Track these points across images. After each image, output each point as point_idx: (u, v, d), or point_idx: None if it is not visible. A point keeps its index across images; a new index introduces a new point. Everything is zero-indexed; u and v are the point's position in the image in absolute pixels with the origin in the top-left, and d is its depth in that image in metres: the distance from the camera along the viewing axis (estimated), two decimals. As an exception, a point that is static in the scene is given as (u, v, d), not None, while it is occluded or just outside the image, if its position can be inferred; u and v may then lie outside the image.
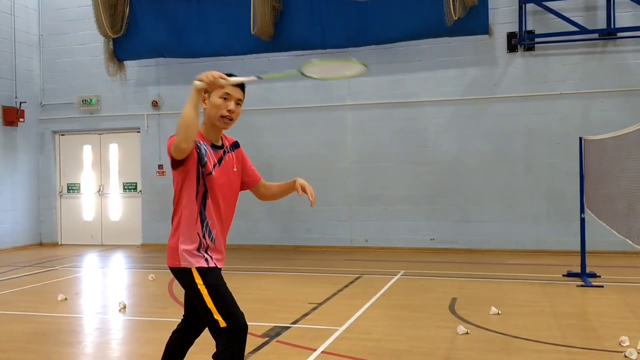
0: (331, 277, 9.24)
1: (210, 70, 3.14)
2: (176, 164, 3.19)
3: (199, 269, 3.23)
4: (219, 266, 3.32)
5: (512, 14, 11.65)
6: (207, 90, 3.16)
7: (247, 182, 3.59)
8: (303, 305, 7.07)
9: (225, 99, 3.30)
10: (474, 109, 11.91)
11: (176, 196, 3.34)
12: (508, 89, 11.75)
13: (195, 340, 3.59)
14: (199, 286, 3.21)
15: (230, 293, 3.28)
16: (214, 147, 3.36)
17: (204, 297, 3.19)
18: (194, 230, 3.26)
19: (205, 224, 3.28)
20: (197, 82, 3.07)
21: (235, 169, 3.46)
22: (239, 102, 3.36)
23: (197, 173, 3.25)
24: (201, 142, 3.29)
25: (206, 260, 3.25)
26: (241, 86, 3.37)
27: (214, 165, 3.31)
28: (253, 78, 3.29)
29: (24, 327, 6.28)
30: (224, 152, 3.40)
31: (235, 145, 3.52)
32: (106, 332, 6.32)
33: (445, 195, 12.01)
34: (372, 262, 10.64)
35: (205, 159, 3.25)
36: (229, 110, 3.30)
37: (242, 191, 3.60)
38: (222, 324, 3.15)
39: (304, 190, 3.48)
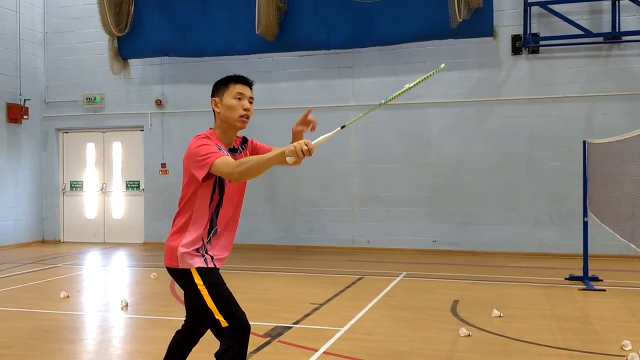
0: (333, 277, 9.23)
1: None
2: (208, 177, 3.16)
3: (198, 270, 3.22)
4: (217, 266, 3.31)
5: (517, 16, 11.64)
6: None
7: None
8: (305, 306, 7.07)
9: (239, 99, 3.30)
10: (478, 111, 11.91)
11: (185, 198, 3.30)
12: (512, 91, 11.74)
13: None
14: (198, 287, 3.20)
15: (231, 293, 3.27)
16: (231, 150, 3.36)
17: (205, 297, 3.19)
18: (201, 235, 3.26)
19: (213, 230, 3.28)
20: (288, 159, 2.92)
21: None
22: (251, 101, 3.36)
23: (214, 181, 3.23)
24: (220, 146, 3.28)
25: (205, 260, 3.24)
26: (251, 85, 3.37)
27: None
28: (337, 129, 3.10)
29: (27, 324, 6.29)
30: (239, 153, 3.41)
31: (244, 142, 3.50)
32: (108, 329, 6.33)
33: (447, 197, 12.00)
34: (374, 263, 10.64)
35: None
36: (245, 109, 3.31)
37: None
38: (224, 323, 3.15)
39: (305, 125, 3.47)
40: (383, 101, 3.37)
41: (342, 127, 3.13)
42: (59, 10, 14.33)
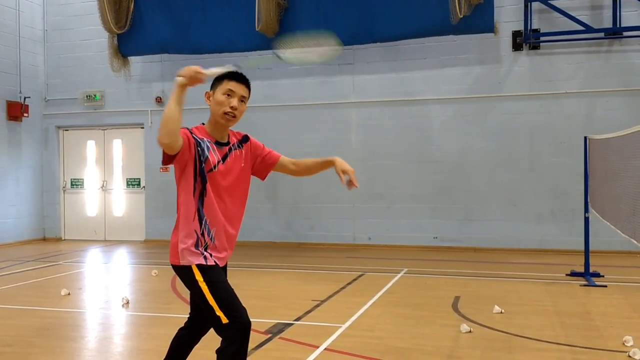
0: (334, 274, 9.24)
1: (194, 66, 3.10)
2: (167, 159, 3.19)
3: (199, 266, 3.23)
4: (219, 264, 3.31)
5: (518, 12, 11.62)
6: (189, 85, 3.08)
7: (266, 165, 3.55)
8: (306, 303, 7.07)
9: (228, 95, 3.29)
10: (479, 108, 11.89)
11: (178, 193, 3.36)
12: (513, 87, 11.72)
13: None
14: (199, 283, 3.22)
15: (232, 290, 3.27)
16: (219, 144, 3.35)
17: (205, 294, 3.20)
18: (192, 227, 3.26)
19: (203, 222, 3.27)
20: (178, 78, 3.07)
21: (242, 164, 3.44)
22: (243, 99, 3.34)
23: (194, 170, 3.25)
24: (204, 138, 3.30)
25: (205, 257, 3.25)
26: (246, 83, 3.36)
27: (218, 162, 3.31)
28: (230, 67, 3.27)
29: (28, 322, 6.29)
30: (230, 149, 3.39)
31: (244, 140, 3.50)
32: (109, 327, 6.33)
33: (449, 194, 11.99)
34: (375, 260, 10.64)
35: (207, 154, 3.25)
36: (231, 107, 3.29)
37: (272, 171, 3.59)
38: (224, 320, 3.15)
39: (345, 172, 3.34)
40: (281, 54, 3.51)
41: (236, 65, 3.35)
42: (58, 7, 14.31)
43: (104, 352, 5.39)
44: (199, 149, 3.24)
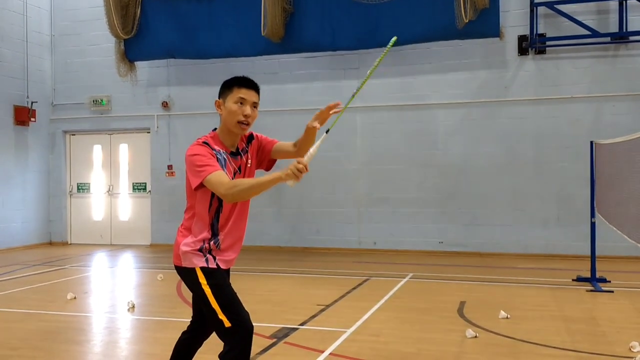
0: (339, 279, 9.22)
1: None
2: (199, 186, 3.17)
3: (203, 269, 3.23)
4: (222, 267, 3.31)
5: (524, 16, 11.61)
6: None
7: (265, 154, 3.49)
8: (311, 307, 7.06)
9: (241, 103, 3.26)
10: (484, 112, 11.87)
11: (189, 200, 3.34)
12: (519, 92, 11.70)
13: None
14: (203, 286, 3.22)
15: (235, 293, 3.27)
16: (233, 154, 3.33)
17: (208, 297, 3.20)
18: (202, 237, 3.27)
19: (215, 232, 3.28)
20: (289, 183, 2.95)
21: (249, 165, 3.43)
22: (255, 106, 3.32)
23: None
24: (220, 150, 3.26)
25: (207, 260, 3.25)
26: (256, 89, 3.34)
27: (235, 173, 3.30)
28: (323, 135, 3.15)
29: (34, 325, 6.31)
30: (241, 157, 3.38)
31: (249, 140, 3.47)
32: (115, 331, 6.34)
33: (454, 198, 11.97)
34: (381, 265, 10.62)
35: (225, 169, 3.20)
36: (245, 115, 3.26)
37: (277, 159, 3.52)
38: (227, 324, 3.15)
39: (317, 119, 3.39)
40: (355, 90, 3.45)
41: (327, 131, 3.18)
42: (65, 12, 14.40)
43: (109, 356, 5.40)
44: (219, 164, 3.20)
